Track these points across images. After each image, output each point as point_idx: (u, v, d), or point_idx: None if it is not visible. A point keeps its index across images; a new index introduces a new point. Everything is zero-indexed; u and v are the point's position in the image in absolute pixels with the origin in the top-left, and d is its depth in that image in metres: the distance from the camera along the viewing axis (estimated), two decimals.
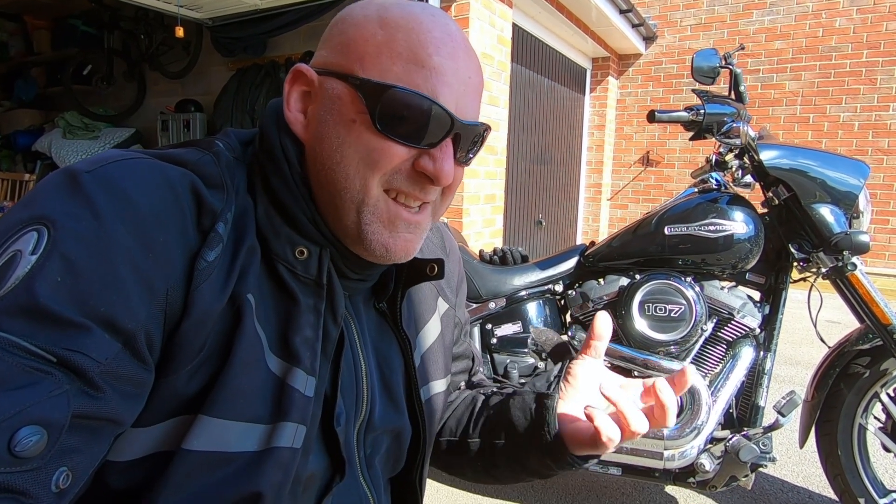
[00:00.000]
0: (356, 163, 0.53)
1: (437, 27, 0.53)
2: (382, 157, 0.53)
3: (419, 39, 0.52)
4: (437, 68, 0.52)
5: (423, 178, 0.54)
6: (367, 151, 0.53)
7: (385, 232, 0.55)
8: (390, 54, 0.52)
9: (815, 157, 1.55)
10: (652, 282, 1.60)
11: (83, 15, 5.01)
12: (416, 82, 0.52)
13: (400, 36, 0.52)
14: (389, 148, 0.52)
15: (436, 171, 0.53)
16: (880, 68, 5.45)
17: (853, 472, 1.59)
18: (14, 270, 0.41)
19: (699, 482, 1.58)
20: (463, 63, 0.54)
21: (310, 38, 4.11)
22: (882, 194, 5.47)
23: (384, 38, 0.52)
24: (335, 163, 0.54)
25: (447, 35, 0.54)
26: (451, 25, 0.55)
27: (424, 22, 0.53)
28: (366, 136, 0.52)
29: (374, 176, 0.53)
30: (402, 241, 0.57)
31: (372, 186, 0.54)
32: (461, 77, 0.54)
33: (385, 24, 0.53)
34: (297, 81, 0.57)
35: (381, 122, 0.52)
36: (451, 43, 0.54)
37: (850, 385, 1.58)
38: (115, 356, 0.43)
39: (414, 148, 0.53)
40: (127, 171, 0.48)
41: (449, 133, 0.54)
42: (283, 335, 0.54)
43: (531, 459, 0.67)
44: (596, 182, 6.65)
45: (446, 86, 0.53)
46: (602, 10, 5.00)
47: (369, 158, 0.53)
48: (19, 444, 0.37)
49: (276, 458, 0.51)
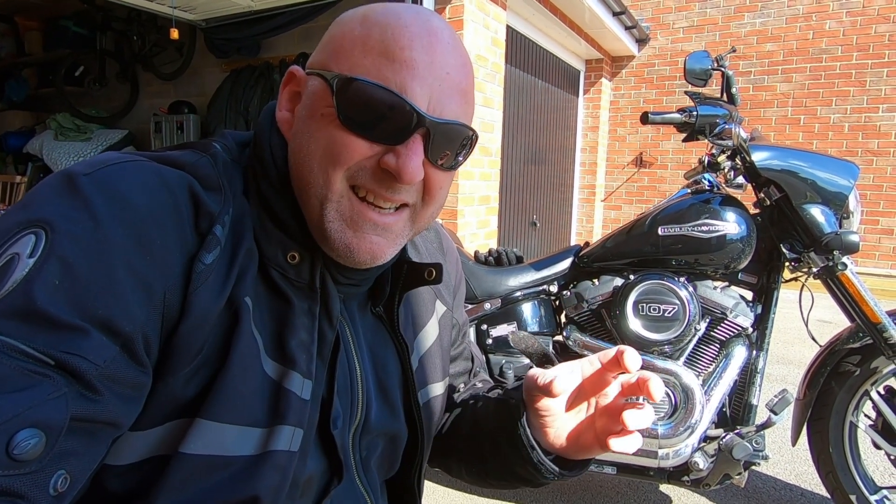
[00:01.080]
0: (319, 156, 0.52)
1: (416, 23, 0.52)
2: (343, 150, 0.51)
3: (393, 34, 0.51)
4: (407, 61, 0.50)
5: (389, 176, 0.51)
6: (329, 144, 0.51)
7: (348, 231, 0.53)
8: (363, 48, 0.51)
9: (805, 158, 1.56)
10: (646, 282, 1.61)
11: (75, 16, 4.98)
12: (385, 75, 0.50)
13: (375, 31, 0.51)
14: (351, 142, 0.51)
15: (398, 168, 0.50)
16: (869, 70, 5.51)
17: (844, 470, 1.61)
18: (12, 273, 0.41)
19: (693, 480, 1.60)
20: (440, 58, 0.52)
21: (304, 39, 4.11)
22: (872, 195, 5.53)
23: (361, 33, 0.52)
24: (303, 157, 0.53)
25: (426, 30, 0.52)
26: (435, 22, 0.53)
27: (403, 17, 0.52)
28: (330, 129, 0.51)
29: (336, 170, 0.51)
30: (366, 242, 0.54)
31: (335, 181, 0.52)
32: (436, 72, 0.51)
33: (365, 21, 0.53)
34: (290, 83, 0.57)
35: (345, 116, 0.51)
36: (429, 37, 0.51)
37: (842, 383, 1.60)
38: (113, 359, 0.43)
39: (377, 144, 0.51)
40: (124, 173, 0.48)
41: (415, 129, 0.51)
42: (278, 338, 0.53)
43: (517, 469, 0.66)
44: (590, 183, 6.68)
45: (417, 79, 0.50)
46: (595, 13, 5.02)
47: (331, 151, 0.51)
48: (17, 447, 0.37)
49: (273, 462, 0.51)
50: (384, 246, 0.55)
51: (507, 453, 0.65)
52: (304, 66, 0.58)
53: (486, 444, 0.69)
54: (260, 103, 4.07)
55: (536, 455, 0.62)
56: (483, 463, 0.72)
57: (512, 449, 0.63)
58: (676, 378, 1.56)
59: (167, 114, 4.58)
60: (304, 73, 0.56)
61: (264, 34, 4.00)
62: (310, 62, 0.57)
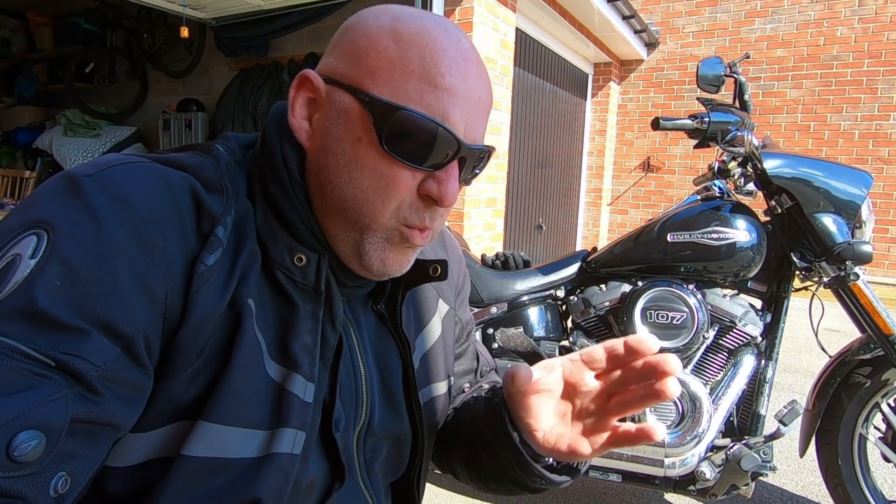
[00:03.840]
0: (365, 188, 0.52)
1: (451, 45, 0.52)
2: (391, 183, 0.52)
3: (433, 58, 0.51)
4: (449, 89, 0.51)
5: (429, 201, 0.54)
6: (375, 176, 0.52)
7: (388, 248, 0.56)
8: (403, 71, 0.51)
9: (818, 166, 1.55)
10: (654, 289, 1.60)
11: (86, 13, 5.01)
12: (428, 102, 0.51)
13: (413, 53, 0.51)
14: (397, 173, 0.52)
15: (440, 194, 0.53)
16: (881, 78, 5.47)
17: (853, 482, 1.59)
18: (13, 274, 0.41)
19: (699, 490, 1.58)
20: (475, 83, 0.53)
21: (313, 39, 4.11)
22: (882, 203, 5.48)
23: (397, 53, 0.51)
24: (344, 182, 0.53)
25: (460, 54, 0.52)
26: (465, 42, 0.54)
27: (439, 39, 0.52)
28: (372, 156, 0.52)
29: (384, 205, 0.53)
30: (400, 255, 0.57)
31: (382, 216, 0.53)
32: (472, 98, 0.53)
33: (399, 39, 0.52)
34: (303, 88, 0.55)
35: (389, 143, 0.51)
36: (465, 62, 0.53)
37: (851, 395, 1.58)
38: (114, 360, 0.42)
39: (419, 170, 0.53)
40: (127, 174, 0.47)
41: (455, 156, 0.53)
42: (281, 341, 0.53)
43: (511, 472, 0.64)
44: (596, 187, 6.66)
45: (457, 107, 0.52)
46: (605, 16, 5.01)
47: (378, 185, 0.52)
48: (18, 449, 0.37)
49: (275, 465, 0.51)
50: (411, 256, 0.59)
51: (499, 454, 0.64)
52: (312, 66, 0.57)
53: (482, 445, 0.68)
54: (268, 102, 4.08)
55: (523, 458, 0.60)
56: (480, 466, 0.71)
57: (502, 450, 0.63)
58: (684, 386, 1.54)
59: (176, 112, 4.60)
60: (321, 81, 0.55)
61: (273, 33, 4.01)
62: (328, 69, 0.55)
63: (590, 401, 0.56)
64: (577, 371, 0.57)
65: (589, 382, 0.56)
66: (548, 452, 0.59)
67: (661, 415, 1.59)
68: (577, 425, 0.57)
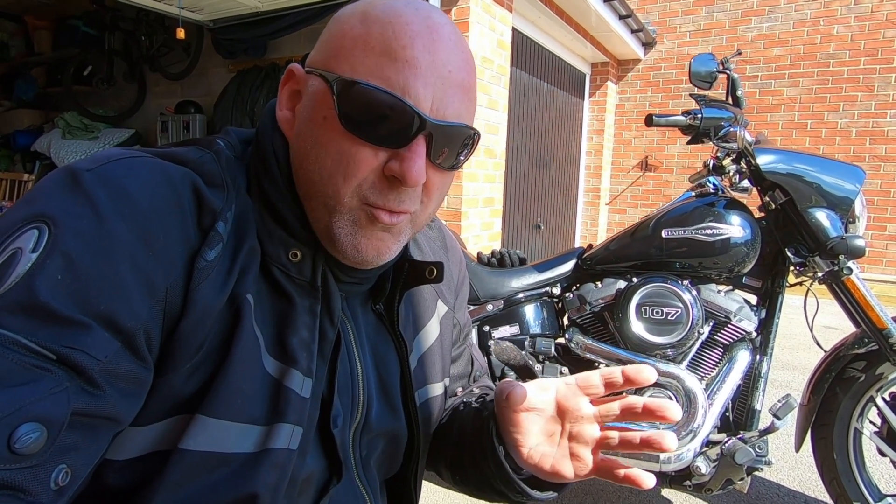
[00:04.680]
0: (328, 166, 0.51)
1: (417, 20, 0.51)
2: (350, 161, 0.51)
3: (394, 31, 0.50)
4: (409, 61, 0.49)
5: (395, 182, 0.51)
6: (337, 154, 0.51)
7: (358, 233, 0.54)
8: (364, 48, 0.50)
9: (811, 161, 1.55)
10: (649, 285, 1.61)
11: (84, 16, 5.02)
12: (387, 75, 0.49)
13: (376, 28, 0.50)
14: (358, 151, 0.50)
15: (402, 171, 0.50)
16: (878, 75, 5.48)
17: (849, 476, 1.60)
18: (15, 268, 0.41)
19: (695, 485, 1.58)
20: (443, 56, 0.51)
21: (310, 40, 4.12)
22: (879, 200, 5.49)
23: (361, 31, 0.51)
24: (311, 163, 0.53)
25: (427, 28, 0.51)
26: (436, 17, 0.52)
27: (404, 15, 0.51)
28: (334, 134, 0.51)
29: (346, 183, 0.51)
30: (375, 239, 0.54)
31: (344, 195, 0.52)
32: (439, 71, 0.50)
33: (365, 19, 0.51)
34: (289, 81, 0.57)
35: (347, 120, 0.50)
36: (430, 35, 0.50)
37: (846, 389, 1.58)
38: (115, 354, 0.43)
39: (381, 149, 0.51)
40: (128, 169, 0.48)
41: (418, 132, 0.50)
42: (279, 336, 0.53)
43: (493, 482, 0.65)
44: (594, 186, 6.67)
45: (419, 79, 0.49)
46: (601, 16, 5.02)
47: (339, 162, 0.51)
48: (19, 441, 0.37)
49: (272, 460, 0.51)
50: (389, 243, 0.56)
51: (483, 465, 0.65)
52: None
53: (467, 453, 0.69)
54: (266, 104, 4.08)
55: (506, 472, 0.61)
56: (464, 472, 0.72)
57: (485, 462, 0.63)
58: (679, 382, 1.55)
59: (174, 113, 4.61)
60: (303, 72, 0.55)
61: (271, 35, 4.02)
62: (309, 60, 0.56)
63: (581, 425, 0.57)
64: (571, 395, 0.57)
65: (583, 408, 0.57)
66: (530, 469, 0.60)
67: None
68: (563, 447, 0.58)
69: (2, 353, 0.38)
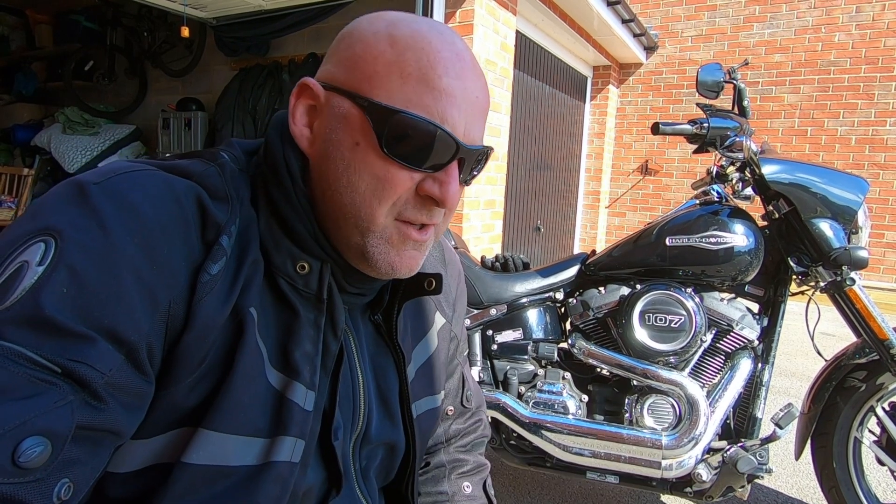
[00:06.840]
0: (363, 190, 0.53)
1: (445, 47, 0.53)
2: (388, 184, 0.52)
3: (429, 60, 0.52)
4: (446, 90, 0.52)
5: (429, 201, 0.54)
6: (373, 178, 0.52)
7: (392, 251, 0.56)
8: (400, 75, 0.51)
9: (815, 172, 1.56)
10: (652, 292, 1.61)
11: (86, 10, 5.01)
12: (426, 104, 0.51)
13: (410, 56, 0.51)
14: (395, 175, 0.52)
15: (442, 195, 0.54)
16: (878, 84, 5.50)
17: (848, 485, 1.61)
18: (21, 281, 0.41)
19: (696, 492, 1.59)
20: (471, 83, 0.54)
21: (313, 39, 4.12)
22: (878, 209, 5.52)
23: (393, 57, 0.52)
24: (342, 186, 0.53)
25: (455, 55, 0.53)
26: (459, 44, 0.55)
27: (434, 41, 0.53)
28: (371, 159, 0.52)
29: (381, 205, 0.53)
30: (407, 258, 0.57)
31: (380, 215, 0.53)
32: (470, 98, 0.54)
33: (395, 43, 0.52)
34: (303, 95, 0.56)
35: (388, 146, 0.51)
36: (460, 63, 0.53)
37: (847, 398, 1.59)
38: (119, 367, 0.43)
39: (418, 171, 0.53)
40: (134, 183, 0.48)
41: (454, 157, 0.53)
42: (283, 349, 0.54)
43: None
44: (594, 189, 6.68)
45: (455, 108, 0.52)
46: (604, 20, 5.03)
47: (376, 186, 0.52)
48: (23, 455, 0.37)
49: (274, 473, 0.52)
50: (419, 258, 0.59)
51: None
52: (313, 66, 0.58)
53: None
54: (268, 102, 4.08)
55: None
56: None
57: None
58: (681, 389, 1.56)
59: (175, 110, 4.60)
60: (321, 88, 0.55)
61: (274, 34, 4.01)
62: (328, 76, 0.56)
63: None
64: None
65: None
66: None
67: (658, 417, 1.61)
68: None
69: (7, 365, 0.38)
